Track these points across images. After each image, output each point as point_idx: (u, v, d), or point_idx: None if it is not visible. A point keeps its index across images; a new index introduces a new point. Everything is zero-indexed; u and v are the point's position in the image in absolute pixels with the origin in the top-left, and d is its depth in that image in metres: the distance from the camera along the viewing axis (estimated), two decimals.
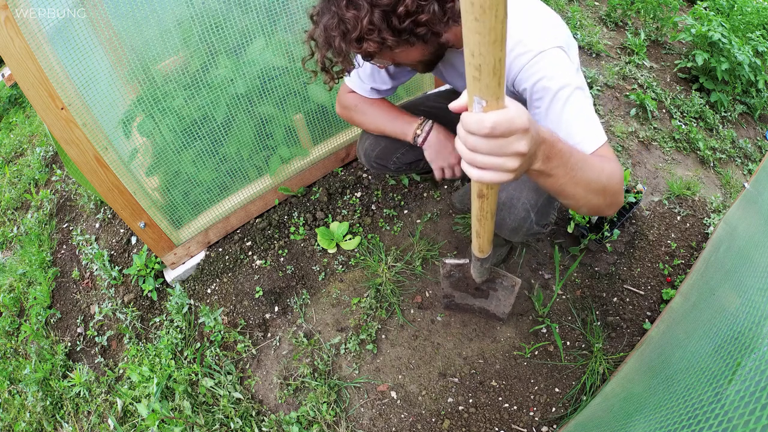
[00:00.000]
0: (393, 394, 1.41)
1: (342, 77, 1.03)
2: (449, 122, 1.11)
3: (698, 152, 2.17)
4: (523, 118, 0.58)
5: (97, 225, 2.12)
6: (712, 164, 2.15)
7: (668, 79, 2.59)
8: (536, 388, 1.39)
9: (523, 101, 0.96)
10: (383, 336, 1.54)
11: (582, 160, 0.76)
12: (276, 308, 1.65)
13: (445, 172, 1.26)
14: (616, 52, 2.73)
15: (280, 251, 1.78)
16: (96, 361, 1.67)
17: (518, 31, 0.91)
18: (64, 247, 2.15)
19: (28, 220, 2.37)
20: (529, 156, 0.63)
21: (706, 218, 1.83)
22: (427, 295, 1.62)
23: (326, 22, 0.86)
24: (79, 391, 1.58)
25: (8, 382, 1.73)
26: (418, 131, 1.22)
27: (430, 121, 1.24)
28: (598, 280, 1.63)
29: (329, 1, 0.85)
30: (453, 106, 0.63)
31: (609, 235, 1.64)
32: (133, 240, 1.97)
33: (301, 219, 1.85)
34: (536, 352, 1.46)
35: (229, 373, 1.49)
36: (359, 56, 0.94)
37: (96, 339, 1.72)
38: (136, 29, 1.27)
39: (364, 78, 1.26)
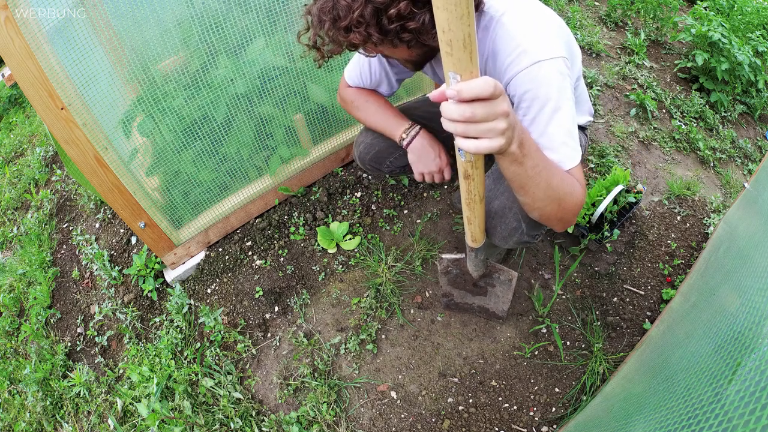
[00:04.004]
0: (393, 394, 1.41)
1: (332, 57, 1.01)
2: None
3: (698, 152, 2.17)
4: (499, 83, 0.64)
5: (97, 225, 2.12)
6: (712, 164, 2.15)
7: (668, 79, 2.59)
8: (536, 388, 1.39)
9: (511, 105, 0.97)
10: (383, 336, 1.54)
11: (550, 164, 0.82)
12: (276, 308, 1.65)
13: (425, 177, 1.28)
14: (616, 52, 2.73)
15: (280, 251, 1.78)
16: (96, 361, 1.67)
17: (520, 37, 0.89)
18: (64, 247, 2.15)
19: (28, 220, 2.37)
20: (511, 124, 0.68)
21: (706, 218, 1.83)
22: (427, 295, 1.62)
23: (322, 4, 0.86)
24: (79, 391, 1.58)
25: (8, 382, 1.73)
26: (404, 135, 1.25)
27: (418, 127, 1.26)
28: (598, 280, 1.63)
29: None
30: (432, 95, 0.66)
31: (609, 235, 1.64)
32: (133, 240, 1.97)
33: (301, 219, 1.85)
34: (536, 352, 1.46)
35: (229, 373, 1.49)
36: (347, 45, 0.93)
37: (96, 339, 1.72)
38: (136, 29, 1.27)
39: (364, 76, 1.29)
